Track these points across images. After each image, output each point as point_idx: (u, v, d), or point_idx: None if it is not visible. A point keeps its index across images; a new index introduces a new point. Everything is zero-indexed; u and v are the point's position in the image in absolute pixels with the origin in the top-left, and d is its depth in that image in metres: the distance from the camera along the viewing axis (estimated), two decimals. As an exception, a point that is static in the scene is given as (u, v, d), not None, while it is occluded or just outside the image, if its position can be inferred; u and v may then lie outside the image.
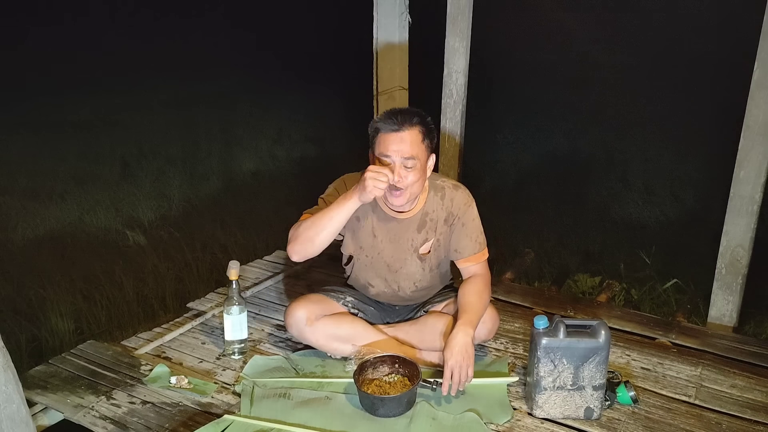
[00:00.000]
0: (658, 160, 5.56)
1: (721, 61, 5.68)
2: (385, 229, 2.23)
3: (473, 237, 2.23)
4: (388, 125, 2.04)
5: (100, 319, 3.25)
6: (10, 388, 1.61)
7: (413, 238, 2.23)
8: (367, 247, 2.27)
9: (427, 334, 2.25)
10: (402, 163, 2.04)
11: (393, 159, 2.04)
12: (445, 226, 2.23)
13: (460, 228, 2.22)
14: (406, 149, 2.03)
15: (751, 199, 2.58)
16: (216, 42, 9.98)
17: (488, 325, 2.24)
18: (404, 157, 2.03)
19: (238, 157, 6.25)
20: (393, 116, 2.05)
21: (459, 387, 2.02)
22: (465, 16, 3.07)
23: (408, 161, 2.04)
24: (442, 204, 2.21)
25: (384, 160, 2.05)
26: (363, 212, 2.22)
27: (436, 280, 2.36)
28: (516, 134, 6.35)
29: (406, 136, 2.03)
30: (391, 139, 2.03)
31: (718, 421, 2.03)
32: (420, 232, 2.23)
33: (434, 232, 2.23)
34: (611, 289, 3.14)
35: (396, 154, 2.03)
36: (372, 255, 2.28)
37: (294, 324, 2.25)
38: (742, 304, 2.74)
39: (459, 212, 2.21)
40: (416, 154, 2.05)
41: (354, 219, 2.20)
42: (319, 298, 2.33)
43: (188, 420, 1.99)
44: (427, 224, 2.22)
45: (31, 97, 7.76)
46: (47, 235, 4.30)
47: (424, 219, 2.22)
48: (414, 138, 2.04)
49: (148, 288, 3.56)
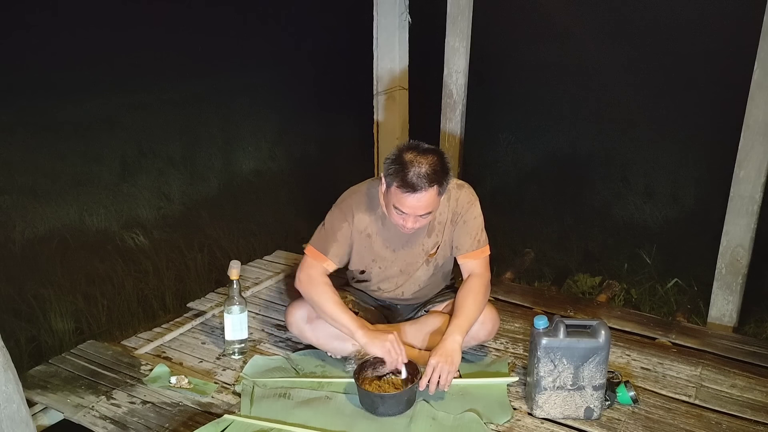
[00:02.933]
0: (658, 160, 5.56)
1: (721, 61, 5.67)
2: (396, 238, 2.22)
3: (473, 234, 2.23)
4: (404, 188, 1.96)
5: (100, 319, 3.25)
6: (10, 388, 1.61)
7: (424, 243, 2.24)
8: (381, 258, 2.26)
9: (427, 334, 2.27)
10: (416, 217, 2.03)
11: (408, 213, 2.01)
12: (451, 226, 2.23)
13: (462, 225, 2.22)
14: (422, 208, 2.00)
15: (751, 199, 2.58)
16: (216, 42, 9.97)
17: (488, 326, 2.25)
18: (419, 215, 2.02)
19: (238, 156, 6.25)
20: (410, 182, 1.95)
21: (438, 388, 2.02)
22: (465, 16, 3.07)
23: (423, 217, 2.04)
24: (448, 205, 2.22)
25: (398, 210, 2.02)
26: (374, 229, 2.22)
27: (438, 279, 2.36)
28: (516, 134, 6.34)
29: (423, 198, 1.98)
30: (407, 200, 1.98)
31: (718, 421, 2.03)
32: (430, 237, 2.24)
33: (442, 234, 2.24)
34: (611, 289, 3.14)
35: (411, 210, 2.00)
36: (385, 265, 2.28)
37: (294, 323, 2.26)
38: (742, 304, 2.74)
39: (462, 210, 2.22)
40: (431, 209, 2.03)
41: (365, 236, 2.21)
42: None
43: (188, 420, 1.99)
44: (435, 228, 2.23)
45: (30, 97, 7.75)
46: (47, 235, 4.30)
47: (433, 223, 2.22)
48: (430, 197, 1.99)
49: (148, 288, 3.56)
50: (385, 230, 2.21)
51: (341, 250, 2.21)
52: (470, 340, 2.24)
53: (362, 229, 2.21)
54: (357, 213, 2.20)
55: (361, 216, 2.20)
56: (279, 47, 9.68)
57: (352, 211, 2.20)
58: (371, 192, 2.22)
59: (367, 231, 2.21)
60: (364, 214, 2.20)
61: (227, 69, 9.32)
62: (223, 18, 10.60)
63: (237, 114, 7.72)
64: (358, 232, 2.22)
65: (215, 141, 6.67)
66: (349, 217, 2.19)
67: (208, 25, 10.41)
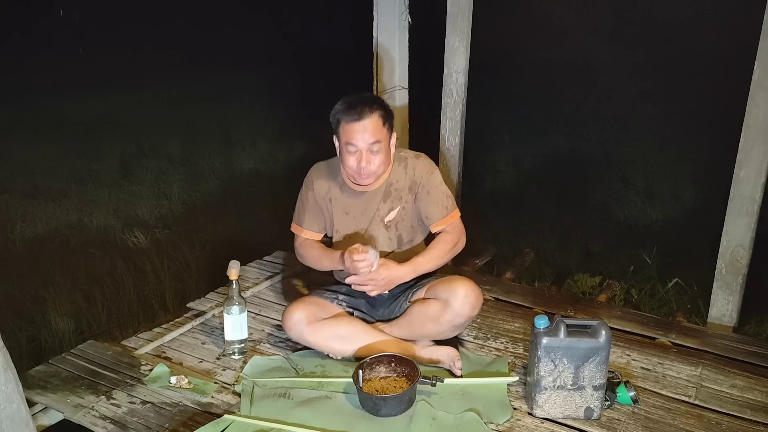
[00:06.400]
0: (658, 160, 5.55)
1: (721, 61, 5.67)
2: (353, 205, 2.36)
3: (439, 202, 2.32)
4: (349, 115, 2.18)
5: (100, 319, 3.25)
6: (10, 388, 1.61)
7: (379, 208, 2.34)
8: (342, 227, 2.39)
9: (417, 326, 2.29)
10: (368, 148, 2.19)
11: (358, 146, 2.19)
12: (410, 194, 2.33)
13: (426, 195, 2.32)
14: (369, 136, 2.17)
15: (751, 199, 2.58)
16: (216, 41, 9.96)
17: (471, 298, 2.20)
18: (369, 143, 2.18)
19: (238, 156, 6.24)
20: (352, 107, 2.19)
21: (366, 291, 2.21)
22: (465, 16, 3.07)
23: (373, 146, 2.19)
24: (405, 173, 2.33)
25: (350, 149, 2.19)
26: (334, 194, 2.36)
27: (404, 256, 2.34)
28: (516, 134, 6.34)
29: (368, 124, 2.17)
30: (354, 128, 2.17)
31: (718, 421, 2.03)
32: (386, 202, 2.33)
33: (399, 200, 2.33)
34: (611, 289, 3.14)
35: (360, 141, 2.18)
36: (346, 232, 2.39)
37: (293, 326, 2.26)
38: (742, 304, 2.73)
39: (422, 180, 2.32)
40: (379, 137, 2.19)
41: (327, 201, 2.38)
42: (315, 300, 2.35)
43: (188, 420, 1.99)
44: (392, 194, 2.33)
45: (30, 96, 7.74)
46: (47, 235, 4.30)
47: (389, 189, 2.33)
48: (375, 124, 2.18)
49: (148, 288, 3.56)
50: (344, 197, 2.36)
51: (314, 219, 2.42)
52: (455, 318, 2.21)
53: (323, 195, 2.39)
54: (316, 180, 2.40)
55: (320, 182, 2.39)
56: (279, 47, 9.67)
57: (312, 180, 2.41)
58: (333, 162, 2.41)
59: (329, 196, 2.37)
60: (323, 180, 2.39)
61: (227, 68, 9.31)
62: (223, 17, 10.59)
63: (237, 113, 7.71)
64: (321, 199, 2.40)
65: (215, 140, 6.67)
66: (310, 186, 2.41)
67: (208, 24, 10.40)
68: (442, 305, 2.21)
